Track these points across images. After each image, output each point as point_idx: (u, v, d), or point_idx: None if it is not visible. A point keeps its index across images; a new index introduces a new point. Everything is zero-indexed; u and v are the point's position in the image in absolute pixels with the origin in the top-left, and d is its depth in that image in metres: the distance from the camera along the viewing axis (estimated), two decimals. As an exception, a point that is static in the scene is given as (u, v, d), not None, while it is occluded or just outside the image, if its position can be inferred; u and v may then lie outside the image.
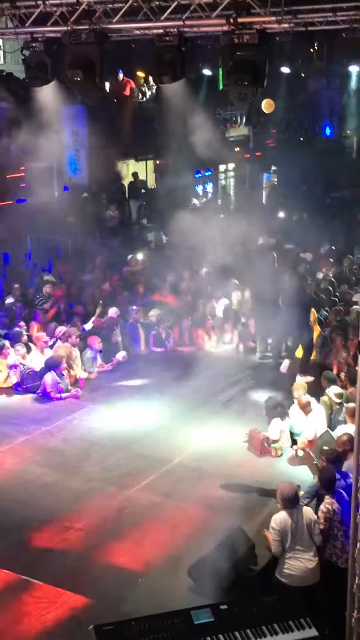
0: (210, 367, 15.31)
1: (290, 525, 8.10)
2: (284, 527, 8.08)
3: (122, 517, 10.06)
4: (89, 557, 9.16)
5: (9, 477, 11.14)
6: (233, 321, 17.00)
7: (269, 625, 6.31)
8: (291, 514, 8.16)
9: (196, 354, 16.30)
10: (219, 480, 10.95)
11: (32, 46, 12.57)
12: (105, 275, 19.18)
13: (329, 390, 12.02)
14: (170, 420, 13.21)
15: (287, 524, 8.09)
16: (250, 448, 11.93)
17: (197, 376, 14.98)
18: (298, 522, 8.18)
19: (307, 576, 8.09)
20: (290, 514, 8.16)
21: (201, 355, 16.13)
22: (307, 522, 8.26)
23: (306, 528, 8.23)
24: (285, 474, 10.95)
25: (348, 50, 25.09)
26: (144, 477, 11.09)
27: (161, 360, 16.05)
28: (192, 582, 8.45)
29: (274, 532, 8.08)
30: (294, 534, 8.12)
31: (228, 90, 11.26)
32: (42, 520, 9.95)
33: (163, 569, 8.93)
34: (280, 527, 8.08)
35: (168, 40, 11.65)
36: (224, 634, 6.17)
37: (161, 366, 15.67)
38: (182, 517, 10.05)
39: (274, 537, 8.08)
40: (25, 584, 8.64)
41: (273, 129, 32.43)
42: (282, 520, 8.11)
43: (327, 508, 8.34)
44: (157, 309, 17.20)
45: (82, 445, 12.18)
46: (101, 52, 11.73)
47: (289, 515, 8.15)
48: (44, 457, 11.77)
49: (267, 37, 11.00)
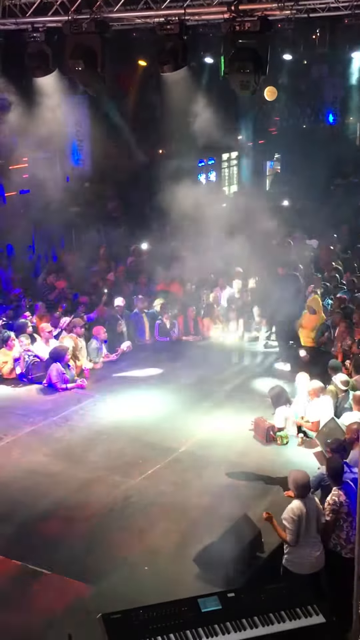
0: (215, 356, 15.35)
1: (304, 515, 8.11)
2: (300, 516, 8.09)
3: (128, 506, 10.09)
4: (95, 546, 9.18)
5: (15, 467, 11.17)
6: (238, 310, 16.98)
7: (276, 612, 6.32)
8: (305, 503, 8.17)
9: (201, 343, 16.31)
10: (224, 468, 10.97)
11: (33, 36, 12.52)
12: (109, 265, 19.18)
13: (335, 378, 12.01)
14: (175, 409, 13.24)
15: (303, 513, 8.10)
16: (256, 436, 11.94)
17: (202, 365, 15.03)
18: (310, 511, 8.19)
19: (313, 563, 8.11)
20: (304, 502, 8.17)
21: (206, 344, 16.14)
22: (316, 511, 8.28)
23: (315, 517, 8.25)
24: (291, 462, 10.96)
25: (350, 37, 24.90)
26: (150, 466, 11.12)
27: (166, 349, 16.07)
28: (199, 570, 8.47)
29: (292, 521, 8.06)
30: (307, 524, 8.13)
31: (230, 78, 11.21)
32: (48, 509, 9.98)
33: (170, 557, 8.96)
34: (297, 517, 8.08)
35: (169, 28, 11.59)
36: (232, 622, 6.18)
37: (166, 356, 15.70)
38: (188, 505, 10.06)
39: (290, 527, 8.07)
40: (33, 573, 8.67)
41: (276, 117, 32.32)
42: (298, 509, 8.11)
43: (334, 500, 8.32)
44: (161, 299, 17.21)
45: (88, 435, 12.21)
46: (102, 42, 11.68)
47: (303, 504, 8.16)
48: (50, 447, 11.80)
49: (269, 25, 10.95)
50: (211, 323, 16.78)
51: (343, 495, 8.34)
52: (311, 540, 8.17)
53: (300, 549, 8.12)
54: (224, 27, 11.07)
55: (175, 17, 11.55)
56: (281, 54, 23.81)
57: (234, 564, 8.22)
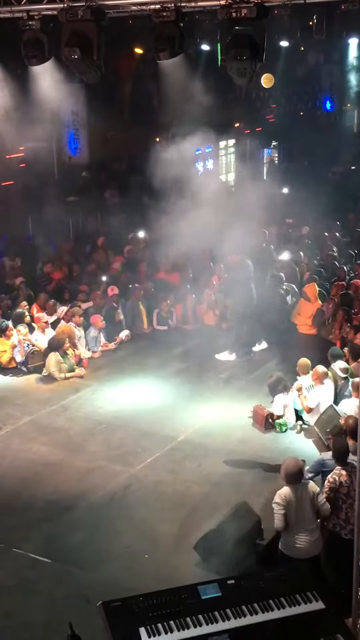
0: (213, 344, 15.34)
1: (294, 501, 8.13)
2: (289, 502, 8.11)
3: (127, 495, 10.12)
4: (95, 535, 9.22)
5: (14, 457, 11.20)
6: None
7: (276, 599, 6.33)
8: (295, 489, 8.18)
9: (199, 331, 16.30)
10: (223, 456, 11.01)
11: (28, 24, 12.44)
12: (107, 255, 19.15)
13: (334, 365, 12.01)
14: (174, 398, 13.26)
15: (292, 499, 8.12)
16: (254, 424, 11.96)
17: (200, 354, 15.04)
18: (302, 497, 8.19)
19: (309, 548, 8.12)
20: (294, 489, 8.18)
21: (204, 333, 16.14)
22: (311, 495, 8.29)
23: (309, 502, 8.26)
24: (290, 449, 10.98)
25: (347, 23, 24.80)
26: (149, 454, 11.15)
27: (164, 338, 16.07)
28: (199, 558, 8.51)
29: (278, 506, 8.10)
30: (298, 509, 8.13)
31: (227, 66, 11.15)
32: (48, 499, 10.02)
33: (169, 545, 9.00)
34: (285, 502, 8.11)
35: (166, 15, 11.52)
36: (232, 609, 6.19)
37: (164, 344, 15.71)
38: (188, 493, 10.10)
39: (277, 512, 8.11)
40: (33, 562, 8.71)
41: (273, 104, 32.21)
42: (286, 495, 8.13)
43: (335, 479, 8.30)
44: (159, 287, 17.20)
45: (87, 425, 12.23)
46: (98, 29, 11.60)
47: (292, 491, 8.17)
48: (49, 436, 11.83)
49: (265, 11, 10.88)
50: (209, 311, 16.74)
51: (345, 475, 8.33)
52: (306, 525, 8.18)
53: (294, 533, 8.13)
54: (220, 13, 11.00)
55: (171, 4, 11.47)
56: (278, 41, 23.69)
57: (234, 551, 8.25)
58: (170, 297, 16.81)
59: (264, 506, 9.20)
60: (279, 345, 14.97)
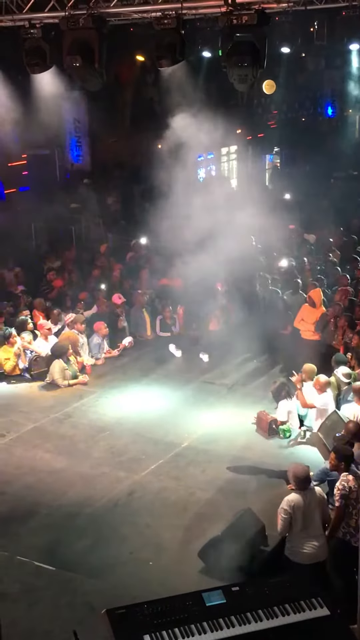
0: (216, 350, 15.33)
1: (302, 507, 8.10)
2: (296, 509, 8.09)
3: (131, 501, 10.11)
4: (99, 542, 9.20)
5: (19, 464, 11.19)
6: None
7: (281, 605, 6.32)
8: (304, 496, 8.16)
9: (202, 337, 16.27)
10: (227, 462, 11.00)
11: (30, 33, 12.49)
12: (109, 262, 19.15)
13: (337, 370, 12.00)
14: (178, 404, 13.26)
15: (300, 506, 8.09)
16: (258, 430, 11.95)
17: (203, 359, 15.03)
18: (310, 504, 8.18)
19: (316, 554, 8.10)
20: (302, 495, 8.16)
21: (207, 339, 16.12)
22: (318, 501, 8.28)
23: (317, 508, 8.25)
24: (294, 455, 10.98)
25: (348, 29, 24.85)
26: (153, 461, 11.14)
27: (168, 345, 16.06)
28: (203, 565, 8.50)
29: (284, 512, 8.09)
30: (305, 516, 8.11)
31: (228, 72, 11.18)
32: (52, 506, 10.01)
33: (174, 551, 8.99)
34: (292, 509, 8.08)
35: (167, 23, 11.56)
36: (237, 616, 6.19)
37: (168, 351, 15.70)
38: (192, 500, 10.09)
39: (282, 518, 8.09)
40: (38, 570, 8.70)
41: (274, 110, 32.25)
42: (294, 502, 8.10)
43: (344, 485, 8.24)
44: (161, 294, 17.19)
45: (91, 431, 12.23)
46: (99, 37, 11.65)
47: (302, 497, 8.15)
48: (53, 443, 11.82)
49: (266, 18, 10.92)
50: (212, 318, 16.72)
51: (352, 480, 8.29)
52: (314, 531, 8.16)
53: (300, 539, 8.12)
54: (221, 21, 11.04)
55: (173, 11, 11.51)
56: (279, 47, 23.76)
57: (238, 558, 8.23)
58: (173, 303, 16.79)
59: (268, 512, 9.16)
60: (283, 351, 14.95)
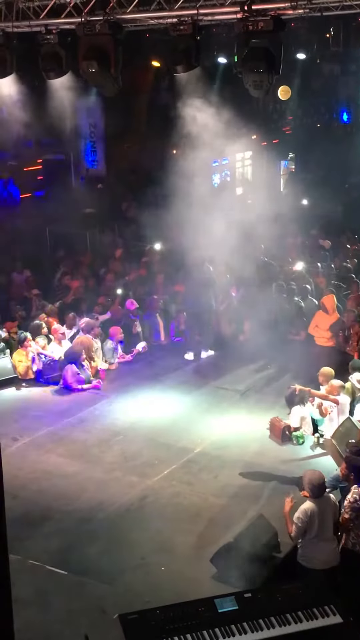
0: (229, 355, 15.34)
1: (317, 514, 8.08)
2: (312, 517, 8.07)
3: (144, 506, 10.11)
4: (112, 547, 9.20)
5: (31, 468, 11.20)
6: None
7: (293, 612, 6.32)
8: (319, 503, 8.14)
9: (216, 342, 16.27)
10: (240, 468, 10.98)
11: (46, 38, 12.55)
12: (124, 267, 19.18)
13: (352, 377, 11.97)
14: (191, 410, 13.26)
15: (315, 514, 8.08)
16: (271, 436, 11.92)
17: (217, 365, 15.03)
18: (325, 511, 8.16)
19: (330, 559, 8.09)
20: (318, 503, 8.14)
21: (220, 344, 16.13)
22: (332, 507, 8.27)
23: (331, 514, 8.23)
24: (307, 462, 10.95)
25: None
26: (166, 466, 11.13)
27: (181, 350, 16.07)
28: (216, 571, 8.47)
29: (300, 521, 8.06)
30: (320, 523, 8.09)
31: (243, 78, 11.18)
32: (65, 510, 10.02)
33: (186, 557, 8.97)
34: (308, 517, 8.06)
35: (182, 29, 11.59)
36: (249, 622, 6.18)
37: (181, 356, 15.72)
38: (204, 505, 10.08)
39: (298, 525, 8.07)
40: (50, 574, 8.70)
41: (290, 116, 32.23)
42: (310, 510, 8.09)
43: (355, 498, 8.24)
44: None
45: (104, 436, 12.24)
46: (115, 43, 11.68)
47: (317, 505, 8.13)
48: (66, 448, 11.84)
49: (282, 24, 10.92)
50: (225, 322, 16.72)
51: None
52: (327, 537, 8.16)
53: (314, 545, 8.11)
54: (237, 26, 11.05)
55: (188, 17, 11.54)
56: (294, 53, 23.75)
57: (251, 565, 8.21)
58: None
59: (281, 519, 9.11)
60: (297, 357, 14.93)
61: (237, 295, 17.16)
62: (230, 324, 16.50)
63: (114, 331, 15.29)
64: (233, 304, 16.85)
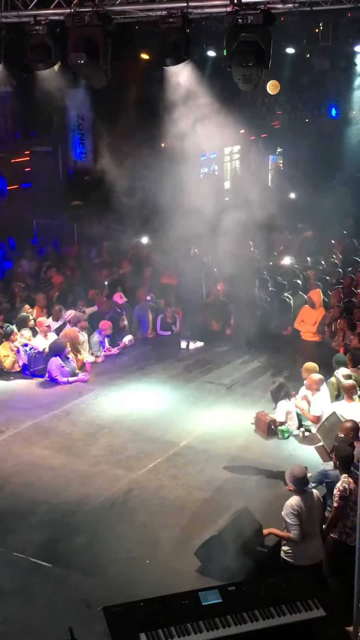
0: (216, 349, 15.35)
1: (304, 510, 8.11)
2: (300, 511, 8.10)
3: (129, 500, 10.11)
4: (96, 540, 9.20)
5: (16, 461, 11.19)
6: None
7: (277, 606, 6.34)
8: (304, 499, 8.17)
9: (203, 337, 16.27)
10: (225, 462, 11.00)
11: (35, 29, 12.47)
12: (112, 259, 19.15)
13: (337, 371, 12.01)
14: (177, 403, 13.26)
15: (302, 507, 8.11)
16: (257, 430, 11.93)
17: (203, 358, 15.04)
18: (310, 506, 8.20)
19: (315, 555, 8.13)
20: (303, 498, 8.18)
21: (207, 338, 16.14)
22: (316, 503, 8.30)
23: (316, 510, 8.26)
24: (292, 456, 10.98)
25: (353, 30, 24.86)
26: (151, 459, 11.14)
27: (168, 343, 16.08)
28: (200, 564, 8.49)
29: (292, 517, 8.08)
30: (307, 518, 8.13)
31: (232, 72, 11.15)
32: (49, 503, 10.00)
33: (171, 550, 8.98)
34: (296, 512, 8.08)
35: (172, 22, 11.53)
36: (232, 615, 6.20)
37: (168, 350, 15.72)
38: (189, 499, 10.09)
39: (293, 522, 8.08)
40: (35, 567, 8.69)
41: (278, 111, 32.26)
42: (297, 504, 8.12)
43: (344, 487, 8.28)
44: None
45: (89, 429, 12.22)
46: (105, 35, 11.63)
47: (302, 500, 8.16)
48: (51, 440, 11.82)
49: (272, 18, 10.87)
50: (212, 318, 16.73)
51: (353, 482, 8.31)
52: (313, 533, 8.20)
53: (303, 542, 8.14)
54: (226, 20, 10.99)
55: (178, 10, 11.48)
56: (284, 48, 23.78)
57: (235, 558, 8.23)
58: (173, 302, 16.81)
59: (265, 512, 9.18)
60: (282, 352, 14.97)
61: (223, 290, 17.18)
62: (216, 317, 16.52)
63: (103, 325, 15.27)
64: (219, 297, 16.87)
